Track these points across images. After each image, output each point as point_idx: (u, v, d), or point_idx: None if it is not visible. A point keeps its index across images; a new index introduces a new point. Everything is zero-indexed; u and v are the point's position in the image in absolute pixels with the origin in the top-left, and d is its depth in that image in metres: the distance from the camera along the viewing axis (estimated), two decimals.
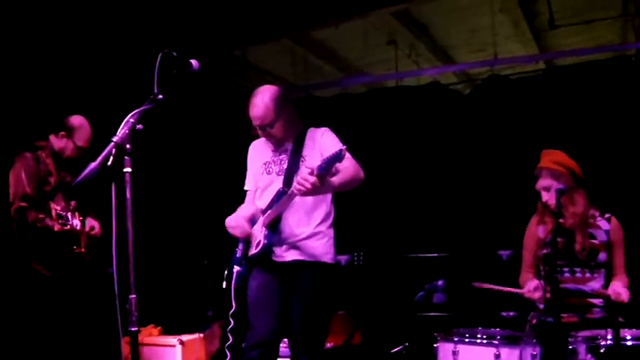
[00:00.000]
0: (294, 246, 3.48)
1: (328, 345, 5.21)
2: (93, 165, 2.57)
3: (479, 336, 3.52)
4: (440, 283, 4.57)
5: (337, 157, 3.08)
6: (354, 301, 5.74)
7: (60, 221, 4.08)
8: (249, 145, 3.84)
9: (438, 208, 6.29)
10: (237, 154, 4.20)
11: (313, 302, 3.46)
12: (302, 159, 3.51)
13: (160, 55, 2.85)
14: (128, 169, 2.66)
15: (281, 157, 3.62)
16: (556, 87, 6.08)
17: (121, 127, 2.69)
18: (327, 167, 3.11)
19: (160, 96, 2.81)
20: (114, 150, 2.64)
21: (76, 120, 4.36)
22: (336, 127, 3.66)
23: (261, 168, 3.69)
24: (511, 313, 4.07)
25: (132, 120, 2.70)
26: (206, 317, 5.78)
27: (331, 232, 3.59)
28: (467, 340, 3.52)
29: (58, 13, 5.13)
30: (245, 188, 3.83)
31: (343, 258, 5.45)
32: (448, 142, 6.44)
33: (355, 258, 5.47)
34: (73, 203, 4.35)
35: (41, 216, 4.09)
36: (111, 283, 4.86)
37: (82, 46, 5.38)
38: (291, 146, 3.60)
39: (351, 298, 5.73)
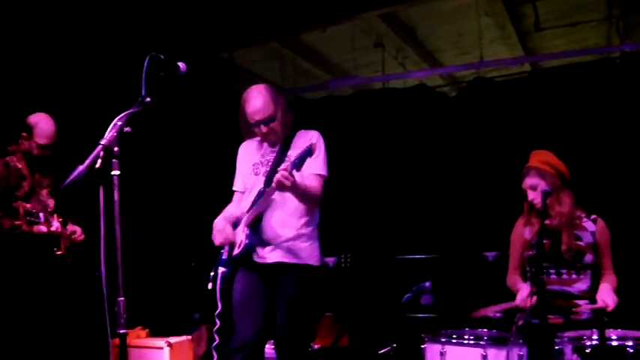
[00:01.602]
0: (277, 247, 3.48)
1: (316, 346, 5.22)
2: (81, 168, 2.56)
3: (466, 337, 3.55)
4: (427, 284, 4.58)
5: (308, 151, 3.13)
6: (342, 303, 5.75)
7: (28, 218, 3.96)
8: (236, 147, 3.84)
9: (424, 210, 6.32)
10: (224, 157, 4.21)
11: (298, 305, 3.47)
12: (286, 159, 3.51)
13: (147, 57, 2.86)
14: (116, 172, 2.67)
15: (268, 158, 3.64)
16: (542, 89, 6.12)
17: (109, 129, 2.69)
18: (300, 163, 3.15)
19: (148, 99, 2.81)
20: (102, 153, 2.64)
21: (33, 118, 4.22)
22: (324, 129, 3.68)
23: (249, 169, 3.70)
24: (497, 315, 4.07)
25: (119, 123, 2.70)
26: (193, 320, 5.76)
27: (316, 234, 3.60)
28: (454, 340, 3.54)
29: (44, 15, 5.10)
30: (233, 189, 3.83)
31: (331, 260, 5.45)
32: (435, 144, 6.47)
33: (342, 260, 5.47)
34: (51, 205, 4.28)
35: (17, 223, 3.99)
36: (98, 286, 4.84)
37: (68, 48, 5.35)
38: (279, 147, 3.62)
39: (338, 299, 5.74)
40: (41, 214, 4.08)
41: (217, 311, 3.51)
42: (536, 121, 5.96)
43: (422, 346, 3.65)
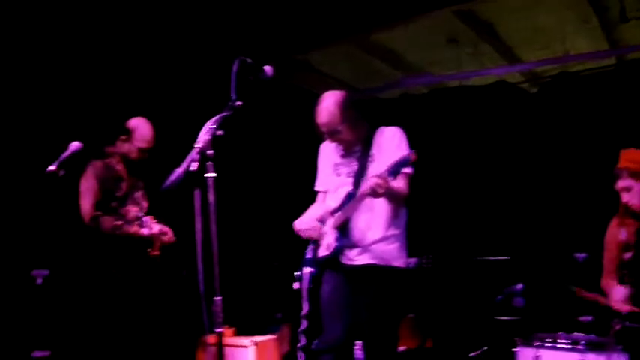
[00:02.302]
0: (365, 249, 3.46)
1: (400, 348, 5.17)
2: (179, 171, 2.62)
3: (561, 341, 3.44)
4: (518, 286, 4.47)
5: (405, 161, 3.09)
6: (423, 305, 5.68)
7: (137, 223, 4.14)
8: (313, 148, 3.85)
9: (507, 211, 6.18)
10: (301, 158, 4.22)
11: (385, 307, 3.44)
12: (370, 159, 3.51)
13: (235, 61, 2.89)
14: (211, 174, 2.70)
15: (350, 158, 3.62)
16: (628, 82, 5.89)
17: (203, 133, 2.72)
18: (396, 171, 3.11)
19: (238, 102, 2.84)
20: (197, 156, 2.68)
21: (134, 122, 4.36)
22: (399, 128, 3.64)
23: (331, 170, 3.70)
24: (588, 318, 3.94)
25: (212, 126, 2.74)
26: (275, 319, 5.81)
27: (403, 235, 3.57)
28: (548, 345, 3.44)
29: (140, 23, 5.25)
30: (315, 189, 3.84)
31: (411, 260, 5.38)
32: (517, 141, 6.32)
33: (424, 261, 5.41)
34: (145, 207, 4.40)
35: (119, 223, 4.16)
36: (184, 285, 4.95)
37: (157, 54, 5.50)
38: (360, 148, 3.59)
39: (419, 301, 5.67)
40: (145, 217, 4.21)
41: (304, 312, 3.52)
42: (624, 116, 5.74)
43: (514, 350, 3.57)
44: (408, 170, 3.47)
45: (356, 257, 3.48)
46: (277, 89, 6.49)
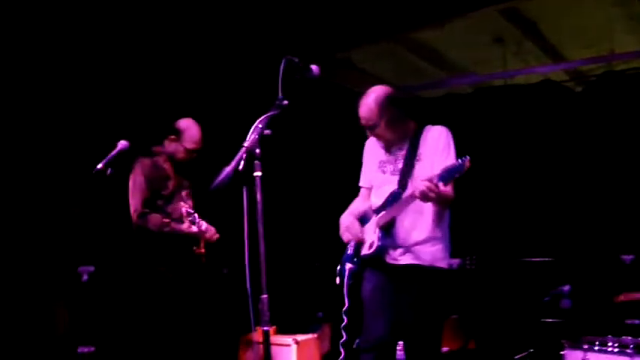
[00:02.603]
0: (408, 250, 3.45)
1: (443, 349, 5.14)
2: (227, 169, 2.64)
3: (610, 344, 3.38)
4: (565, 288, 4.40)
5: (459, 168, 3.04)
6: (467, 306, 5.63)
7: (190, 219, 4.16)
8: (353, 147, 3.87)
9: (554, 211, 6.10)
10: (346, 157, 4.22)
11: (428, 307, 3.41)
12: (417, 158, 3.49)
13: (283, 61, 2.91)
14: (258, 173, 2.73)
15: (396, 156, 3.60)
16: None
17: (251, 132, 2.75)
18: (449, 177, 3.06)
19: (285, 101, 2.86)
20: (245, 155, 2.71)
21: (183, 123, 4.40)
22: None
23: (375, 166, 3.68)
24: (636, 321, 3.86)
25: (260, 125, 2.76)
26: (317, 318, 5.82)
27: (446, 236, 3.54)
28: (597, 348, 3.39)
29: (185, 25, 5.33)
30: (359, 184, 3.84)
31: (454, 261, 5.34)
32: (562, 141, 6.23)
33: (467, 262, 5.36)
34: (190, 205, 4.39)
35: (166, 220, 4.21)
36: (225, 283, 4.98)
37: (200, 55, 5.57)
38: (407, 146, 3.56)
39: (462, 302, 5.63)
40: (196, 215, 4.23)
41: (344, 308, 3.53)
42: None
43: (561, 353, 3.51)
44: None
45: (399, 257, 3.46)
46: (320, 88, 6.51)
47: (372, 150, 3.76)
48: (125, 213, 4.28)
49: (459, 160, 3.04)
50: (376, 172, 3.67)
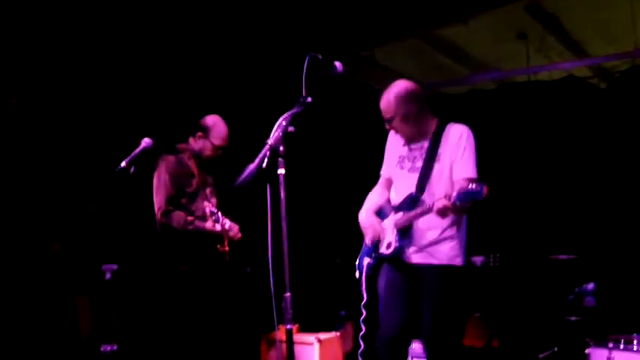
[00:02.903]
0: (424, 249, 3.50)
1: (467, 346, 5.12)
2: (251, 167, 2.65)
3: (636, 342, 3.35)
4: (590, 286, 4.36)
5: (477, 195, 3.08)
6: (490, 304, 5.61)
7: (213, 218, 4.17)
8: (377, 144, 3.89)
9: (579, 208, 6.04)
10: (368, 154, 4.22)
11: (446, 305, 3.46)
12: (437, 158, 3.51)
13: (307, 58, 2.91)
14: (282, 171, 2.73)
15: (414, 153, 3.63)
16: None
17: (274, 129, 2.76)
18: (465, 200, 3.10)
19: (309, 99, 2.87)
20: (268, 152, 2.72)
21: (211, 119, 4.41)
22: (467, 124, 3.61)
23: (395, 160, 3.72)
24: None
25: (284, 123, 2.78)
26: (339, 316, 5.82)
27: (462, 234, 3.57)
28: (622, 346, 3.35)
29: (208, 23, 5.36)
30: (380, 173, 3.88)
31: (478, 259, 5.32)
32: (586, 138, 6.18)
33: (491, 259, 5.33)
34: (214, 203, 4.41)
35: (190, 218, 4.22)
36: (248, 282, 4.99)
37: (223, 53, 5.59)
38: (427, 144, 3.58)
39: (485, 300, 5.60)
40: (220, 214, 4.25)
41: (363, 301, 3.58)
42: None
43: (586, 351, 3.48)
44: (473, 175, 3.48)
45: (414, 255, 3.52)
46: (343, 86, 6.50)
47: (394, 143, 3.79)
48: (149, 211, 4.31)
49: (478, 187, 3.07)
50: (395, 167, 3.71)
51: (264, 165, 2.70)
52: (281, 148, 2.74)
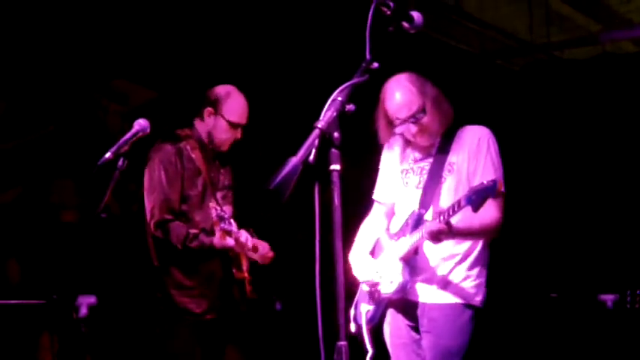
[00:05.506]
0: (432, 283, 3.75)
1: None
2: (294, 160, 2.52)
3: None
4: None
5: (490, 191, 3.27)
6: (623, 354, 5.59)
7: (222, 225, 4.05)
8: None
9: None
10: None
11: (452, 351, 3.72)
12: (448, 168, 3.71)
13: (372, 5, 2.89)
14: (336, 167, 2.62)
15: (422, 164, 3.84)
16: None
17: (326, 108, 2.66)
18: (478, 201, 3.29)
19: (375, 64, 2.85)
20: (318, 140, 2.60)
21: (222, 89, 4.35)
22: (597, 100, 3.60)
23: (397, 177, 3.93)
24: None
25: (340, 98, 2.66)
26: None
27: (480, 264, 3.79)
28: None
29: None
30: (373, 197, 4.10)
31: (609, 297, 5.30)
32: None
33: (629, 297, 5.31)
34: (228, 212, 4.32)
35: (193, 231, 4.13)
36: (278, 324, 5.04)
37: None
38: (436, 147, 3.79)
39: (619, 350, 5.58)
40: (232, 222, 4.21)
41: (370, 355, 3.79)
42: None
43: None
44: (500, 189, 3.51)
45: (420, 292, 3.77)
46: (421, 45, 6.50)
47: (391, 158, 4.02)
48: (142, 223, 4.34)
49: (490, 182, 3.28)
50: (398, 184, 3.94)
51: (312, 158, 2.61)
52: (335, 135, 2.60)
